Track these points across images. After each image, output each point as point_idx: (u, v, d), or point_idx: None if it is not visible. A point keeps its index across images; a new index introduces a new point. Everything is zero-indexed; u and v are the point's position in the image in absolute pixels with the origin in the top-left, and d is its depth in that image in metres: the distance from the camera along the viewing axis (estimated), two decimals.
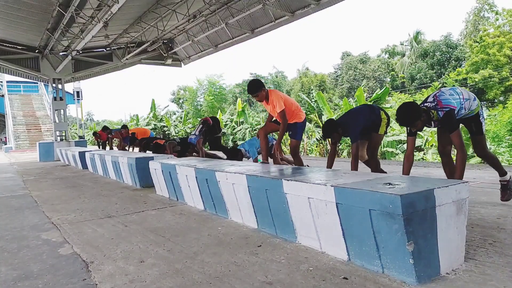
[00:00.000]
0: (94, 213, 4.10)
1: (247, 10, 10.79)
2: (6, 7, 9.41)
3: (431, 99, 3.24)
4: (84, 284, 2.18)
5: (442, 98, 3.19)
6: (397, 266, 2.00)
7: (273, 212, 2.89)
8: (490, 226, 2.86)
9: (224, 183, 3.45)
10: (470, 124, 3.43)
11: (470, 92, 3.43)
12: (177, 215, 3.85)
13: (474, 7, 34.17)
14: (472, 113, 3.32)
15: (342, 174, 2.87)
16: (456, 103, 3.15)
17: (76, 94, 22.93)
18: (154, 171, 5.14)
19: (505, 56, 27.89)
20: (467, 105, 3.23)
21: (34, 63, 13.92)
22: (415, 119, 3.07)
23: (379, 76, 38.93)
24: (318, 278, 2.09)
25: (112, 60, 15.15)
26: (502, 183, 3.52)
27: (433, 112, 3.15)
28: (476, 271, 2.05)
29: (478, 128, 3.40)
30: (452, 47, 34.19)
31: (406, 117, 3.11)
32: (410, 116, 3.09)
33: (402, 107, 3.16)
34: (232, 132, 21.52)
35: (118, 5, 7.96)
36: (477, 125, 3.39)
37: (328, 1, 9.76)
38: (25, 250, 2.89)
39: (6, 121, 27.95)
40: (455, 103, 3.14)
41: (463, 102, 3.19)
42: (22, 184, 7.10)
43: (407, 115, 3.11)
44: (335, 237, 2.35)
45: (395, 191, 1.97)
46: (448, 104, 3.14)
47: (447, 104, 3.14)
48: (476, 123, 3.39)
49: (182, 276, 2.22)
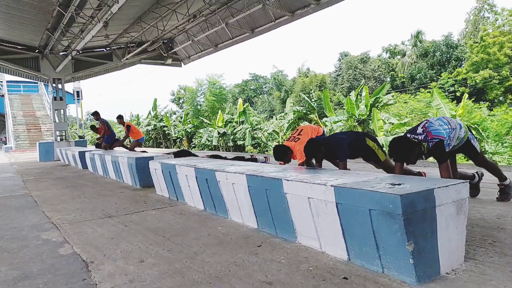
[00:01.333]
0: (94, 213, 4.11)
1: (247, 10, 10.78)
2: (6, 7, 9.42)
3: (420, 131, 3.26)
4: (84, 284, 2.18)
5: (431, 129, 3.22)
6: (397, 266, 2.00)
7: (273, 212, 2.89)
8: (490, 226, 2.86)
9: (224, 183, 3.45)
10: (466, 151, 3.52)
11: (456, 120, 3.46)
12: (177, 215, 3.85)
13: (474, 7, 34.18)
14: (463, 141, 3.37)
15: (342, 174, 2.87)
16: (445, 133, 3.18)
17: (76, 94, 22.96)
18: (154, 171, 5.14)
19: (505, 56, 27.89)
20: (455, 135, 3.27)
21: (34, 63, 13.93)
22: (409, 153, 3.11)
23: (379, 76, 38.92)
24: (318, 278, 2.09)
25: (112, 60, 15.16)
26: (501, 187, 3.59)
27: (423, 145, 3.18)
28: (476, 271, 2.05)
29: (474, 152, 3.49)
30: (453, 47, 34.18)
31: (400, 152, 3.15)
32: (404, 152, 3.12)
33: (395, 143, 3.18)
34: (233, 132, 21.49)
35: (118, 5, 7.96)
36: (473, 150, 3.48)
37: (328, 1, 9.76)
38: (25, 250, 2.89)
39: (6, 121, 27.97)
40: (444, 133, 3.17)
41: (451, 132, 3.21)
42: (22, 184, 7.10)
43: (400, 151, 3.14)
44: (335, 237, 2.35)
45: (395, 191, 1.97)
46: (438, 134, 3.17)
47: (436, 134, 3.17)
48: (471, 148, 3.47)
49: (182, 276, 2.22)
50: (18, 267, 2.50)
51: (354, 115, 15.87)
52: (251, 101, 43.13)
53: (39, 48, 13.62)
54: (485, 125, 14.89)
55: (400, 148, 3.13)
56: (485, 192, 4.09)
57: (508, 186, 3.56)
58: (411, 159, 3.12)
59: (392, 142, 3.20)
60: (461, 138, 3.34)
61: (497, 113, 17.92)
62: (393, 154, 3.19)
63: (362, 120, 15.77)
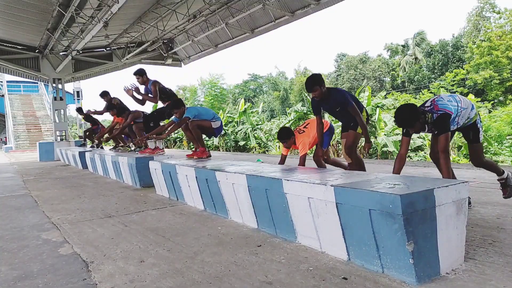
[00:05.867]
0: (94, 213, 4.11)
1: (247, 10, 10.79)
2: (6, 7, 9.42)
3: (429, 104, 3.23)
4: (84, 284, 2.18)
5: (439, 103, 3.18)
6: (397, 266, 2.00)
7: (273, 212, 2.89)
8: (490, 226, 2.86)
9: (224, 183, 3.45)
10: (468, 132, 3.41)
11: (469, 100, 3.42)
12: (177, 215, 3.85)
13: (476, 7, 34.19)
14: (470, 121, 3.32)
15: (342, 174, 2.87)
16: (453, 109, 3.13)
17: (76, 94, 22.96)
18: (154, 171, 5.14)
19: (507, 58, 27.93)
20: (465, 114, 3.22)
21: (34, 63, 13.94)
22: (414, 120, 3.05)
23: (379, 76, 38.92)
24: (318, 278, 2.09)
25: (112, 60, 15.17)
26: (501, 181, 3.51)
27: (428, 115, 3.13)
28: (476, 271, 2.05)
29: (475, 136, 3.38)
30: (458, 48, 34.18)
31: (405, 118, 3.09)
32: (409, 117, 3.06)
33: (401, 108, 3.14)
34: (233, 132, 21.48)
35: (118, 5, 7.97)
36: (475, 133, 3.38)
37: (328, 1, 9.77)
38: (25, 250, 2.89)
39: (6, 121, 27.97)
40: (452, 109, 3.12)
41: (460, 111, 3.17)
42: (22, 184, 7.10)
43: (406, 116, 3.08)
44: (335, 237, 2.35)
45: (395, 191, 1.97)
46: (444, 108, 3.12)
47: (443, 108, 3.12)
48: (474, 130, 3.38)
49: (182, 276, 2.22)
50: (18, 267, 2.50)
51: None
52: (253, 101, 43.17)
53: (39, 48, 13.62)
54: (489, 124, 14.84)
55: (406, 114, 3.05)
56: (485, 192, 4.09)
57: (508, 179, 3.51)
58: (415, 127, 3.06)
59: (398, 108, 3.13)
60: (470, 118, 3.28)
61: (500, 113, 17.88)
62: (398, 119, 3.11)
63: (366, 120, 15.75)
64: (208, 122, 5.32)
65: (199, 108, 5.62)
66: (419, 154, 14.35)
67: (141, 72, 6.40)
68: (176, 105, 5.30)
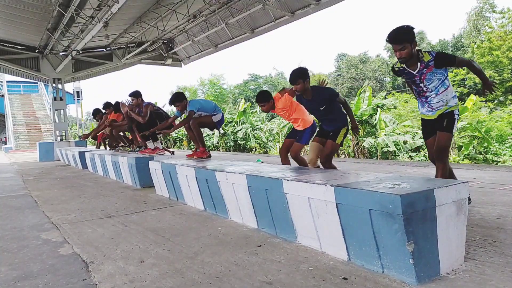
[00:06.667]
0: (94, 213, 4.11)
1: (247, 10, 10.79)
2: (6, 7, 9.42)
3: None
4: (84, 284, 2.18)
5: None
6: (397, 266, 2.00)
7: (273, 212, 2.89)
8: (490, 226, 2.86)
9: (224, 183, 3.45)
10: (442, 120, 3.21)
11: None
12: (177, 215, 3.85)
13: (475, 7, 34.19)
14: (448, 108, 3.18)
15: (342, 174, 2.87)
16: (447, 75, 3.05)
17: (76, 94, 23.01)
18: (154, 171, 5.14)
19: (508, 59, 27.94)
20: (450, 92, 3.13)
21: (34, 63, 13.95)
22: (407, 39, 2.86)
23: (379, 76, 38.93)
24: (318, 278, 2.09)
25: (112, 60, 15.18)
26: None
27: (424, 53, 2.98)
28: (476, 271, 2.05)
29: (449, 125, 3.18)
30: (458, 48, 34.20)
31: (399, 32, 2.89)
32: (404, 32, 2.87)
33: (398, 27, 2.95)
34: (233, 132, 21.47)
35: (118, 5, 7.97)
36: (449, 121, 3.19)
37: (328, 1, 9.77)
38: (25, 250, 2.89)
39: (6, 121, 27.99)
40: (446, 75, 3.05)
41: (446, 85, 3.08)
42: (22, 184, 7.10)
43: (401, 31, 2.89)
44: (335, 237, 2.35)
45: (395, 191, 1.97)
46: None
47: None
48: (449, 119, 3.19)
49: (182, 276, 2.22)
50: (18, 267, 2.50)
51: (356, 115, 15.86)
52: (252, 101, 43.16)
53: (39, 48, 13.63)
54: (490, 124, 14.81)
55: (402, 29, 2.88)
56: (485, 192, 4.09)
57: None
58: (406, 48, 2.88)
59: (395, 28, 2.98)
60: (449, 105, 3.16)
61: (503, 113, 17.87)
62: (391, 34, 2.93)
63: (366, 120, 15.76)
64: (209, 117, 5.32)
65: (201, 101, 5.60)
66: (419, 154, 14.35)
67: (136, 94, 6.62)
68: (178, 98, 5.26)
